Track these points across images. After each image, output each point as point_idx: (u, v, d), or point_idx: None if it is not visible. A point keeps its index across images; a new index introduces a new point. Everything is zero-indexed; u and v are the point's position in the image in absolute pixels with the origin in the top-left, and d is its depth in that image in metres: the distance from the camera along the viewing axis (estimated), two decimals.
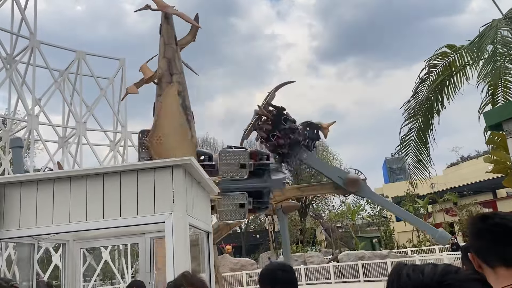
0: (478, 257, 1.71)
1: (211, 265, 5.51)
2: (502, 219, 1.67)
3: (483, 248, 1.69)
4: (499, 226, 1.65)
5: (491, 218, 1.70)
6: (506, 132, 3.90)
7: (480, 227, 1.72)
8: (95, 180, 3.96)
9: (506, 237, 1.64)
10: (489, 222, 1.69)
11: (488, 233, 1.67)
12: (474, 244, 1.74)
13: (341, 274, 25.18)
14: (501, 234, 1.64)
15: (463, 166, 43.18)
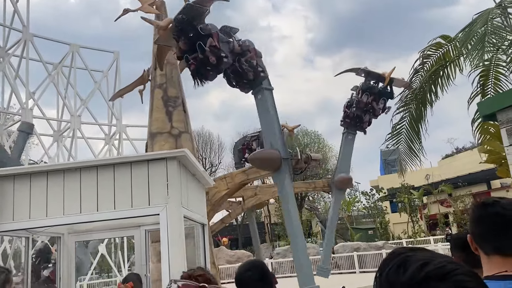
0: (475, 242, 1.72)
1: (207, 258, 5.52)
2: (504, 209, 1.66)
3: (481, 235, 1.70)
4: (499, 216, 1.65)
5: (492, 206, 1.68)
6: (500, 122, 3.91)
7: (480, 214, 1.72)
8: (89, 172, 3.95)
9: (504, 228, 1.63)
10: (490, 211, 1.68)
11: (486, 222, 1.68)
12: (473, 230, 1.74)
13: (336, 265, 25.34)
14: (499, 224, 1.64)
15: (458, 157, 43.40)
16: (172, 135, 11.09)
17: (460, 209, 33.31)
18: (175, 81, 11.98)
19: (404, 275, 0.77)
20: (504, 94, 4.78)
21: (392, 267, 0.81)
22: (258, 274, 2.46)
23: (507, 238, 1.64)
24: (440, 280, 0.74)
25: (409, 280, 0.76)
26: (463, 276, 0.75)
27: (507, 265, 1.61)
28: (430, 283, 0.74)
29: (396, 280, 0.78)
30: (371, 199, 40.94)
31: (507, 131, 3.88)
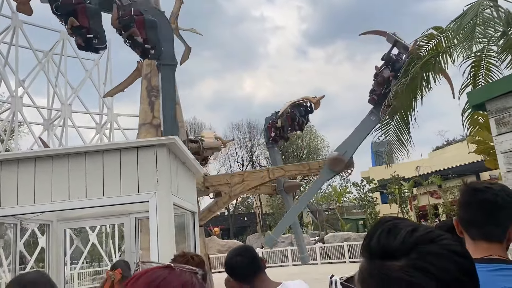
0: (462, 226, 1.72)
1: (197, 246, 5.53)
2: (495, 195, 1.63)
3: (468, 221, 1.69)
4: (489, 202, 1.63)
5: (483, 192, 1.66)
6: (489, 112, 3.93)
7: (469, 200, 1.70)
8: (77, 159, 3.91)
9: (492, 214, 1.63)
10: (479, 197, 1.66)
11: (476, 207, 1.66)
12: (460, 214, 1.73)
13: (327, 255, 25.56)
14: (488, 211, 1.63)
15: (448, 149, 43.71)
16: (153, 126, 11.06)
17: (449, 201, 33.62)
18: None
19: (396, 239, 0.80)
20: (493, 84, 4.81)
21: (382, 232, 0.82)
22: (247, 259, 2.47)
23: (495, 224, 1.63)
24: (429, 243, 0.78)
25: (401, 244, 0.79)
26: (449, 240, 0.80)
27: (492, 250, 1.62)
28: (420, 246, 0.78)
29: (387, 244, 0.80)
30: (362, 190, 41.19)
31: (496, 120, 3.90)
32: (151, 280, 0.99)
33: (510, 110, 3.82)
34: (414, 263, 0.76)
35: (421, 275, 0.74)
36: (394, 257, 0.78)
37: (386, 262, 0.78)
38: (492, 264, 1.55)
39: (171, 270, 1.03)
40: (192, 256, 2.08)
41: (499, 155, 3.82)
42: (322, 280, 10.69)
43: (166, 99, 8.20)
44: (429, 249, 0.77)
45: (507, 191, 1.69)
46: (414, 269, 0.75)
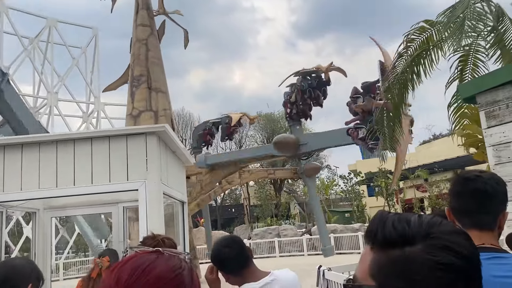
0: (454, 215, 1.73)
1: (186, 236, 5.50)
2: (485, 184, 1.65)
3: (460, 210, 1.70)
4: (480, 191, 1.64)
5: (474, 181, 1.67)
6: (479, 105, 3.96)
7: (460, 190, 1.71)
8: (65, 146, 3.85)
9: (483, 203, 1.64)
10: (470, 186, 1.67)
11: (467, 197, 1.67)
12: (452, 204, 1.74)
13: (313, 246, 25.75)
14: (479, 200, 1.64)
15: (434, 143, 44.17)
16: (132, 117, 11.02)
17: (435, 194, 34.08)
18: (143, 58, 11.82)
19: (410, 226, 0.80)
20: (484, 77, 4.84)
21: (393, 221, 0.82)
22: (236, 250, 2.44)
23: (486, 213, 1.65)
24: (440, 225, 0.81)
25: (418, 228, 0.80)
26: (451, 223, 0.87)
27: (483, 238, 1.64)
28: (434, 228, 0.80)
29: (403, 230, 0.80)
30: (349, 182, 41.53)
31: (486, 113, 3.93)
32: (139, 264, 0.97)
33: (500, 103, 3.85)
34: (435, 243, 0.77)
35: (445, 254, 0.76)
36: (411, 243, 0.78)
37: (405, 249, 0.77)
38: (485, 252, 1.56)
39: (159, 254, 1.01)
40: (163, 239, 2.03)
41: (489, 147, 3.85)
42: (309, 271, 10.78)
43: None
44: (443, 229, 0.80)
45: (496, 178, 1.71)
46: (437, 249, 0.76)
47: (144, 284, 0.93)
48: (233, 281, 2.45)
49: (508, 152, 3.75)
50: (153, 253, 1.01)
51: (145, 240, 2.08)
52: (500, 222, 1.68)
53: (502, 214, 1.68)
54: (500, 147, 3.81)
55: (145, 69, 11.74)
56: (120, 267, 0.97)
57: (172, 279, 0.96)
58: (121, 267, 0.98)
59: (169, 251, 1.05)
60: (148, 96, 11.44)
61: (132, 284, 0.93)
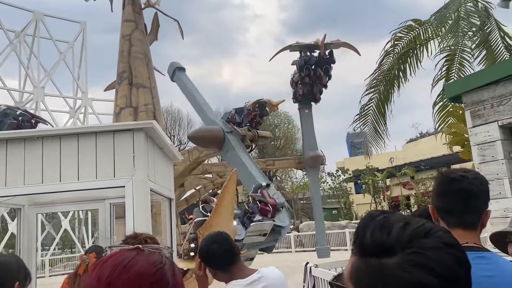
0: (438, 214, 1.75)
1: (173, 234, 5.49)
2: (470, 184, 1.66)
3: (445, 210, 1.71)
4: (464, 191, 1.65)
5: (458, 182, 1.68)
6: (465, 104, 4.01)
7: (445, 190, 1.72)
8: (51, 142, 3.80)
9: (467, 203, 1.65)
10: (455, 186, 1.68)
11: (452, 198, 1.68)
12: (437, 203, 1.75)
13: (301, 243, 25.90)
14: (464, 200, 1.65)
15: (421, 142, 44.59)
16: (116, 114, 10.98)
17: (421, 192, 34.46)
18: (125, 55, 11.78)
19: (389, 235, 0.77)
20: (470, 77, 4.91)
21: (375, 228, 0.79)
22: (224, 247, 2.45)
23: (471, 213, 1.67)
24: (424, 237, 0.76)
25: (395, 240, 0.76)
26: (442, 233, 0.79)
27: (467, 237, 1.66)
28: (415, 241, 0.76)
29: (381, 240, 0.77)
30: (337, 180, 41.77)
31: (471, 113, 3.99)
32: (119, 261, 0.97)
33: (485, 103, 3.91)
34: (411, 259, 0.74)
35: (420, 271, 0.72)
36: (389, 254, 0.75)
37: (382, 260, 0.75)
38: (469, 251, 1.59)
39: (139, 251, 1.01)
40: (145, 238, 2.02)
41: (474, 146, 3.91)
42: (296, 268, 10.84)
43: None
44: (424, 244, 0.75)
45: (481, 178, 1.73)
46: (411, 266, 0.73)
47: (125, 280, 0.94)
48: (221, 277, 2.46)
49: (492, 151, 3.81)
50: (133, 250, 1.02)
51: (127, 239, 2.06)
52: (483, 221, 1.70)
53: (485, 213, 1.70)
54: (485, 146, 3.87)
55: (127, 65, 11.66)
56: (101, 265, 0.98)
57: (153, 274, 0.97)
58: (102, 265, 0.98)
59: (149, 247, 1.06)
60: (129, 93, 11.36)
61: (113, 281, 0.94)
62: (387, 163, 38.77)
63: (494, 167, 3.77)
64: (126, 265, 0.96)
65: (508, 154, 3.76)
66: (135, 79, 11.79)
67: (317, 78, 13.40)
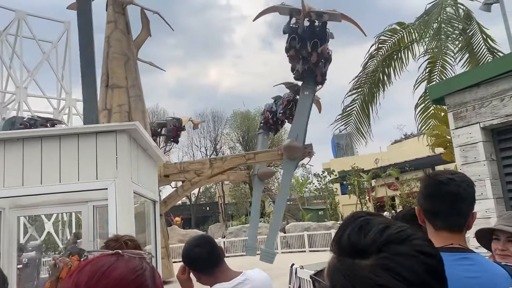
0: (425, 216, 1.75)
1: (158, 235, 5.44)
2: (457, 186, 1.66)
3: (432, 212, 1.72)
4: (452, 194, 1.66)
5: (446, 185, 1.68)
6: (448, 106, 4.06)
7: (432, 192, 1.72)
8: (32, 143, 3.74)
9: (455, 206, 1.66)
10: (443, 189, 1.68)
11: (439, 200, 1.68)
12: (424, 205, 1.75)
13: (287, 244, 25.93)
14: (452, 202, 1.66)
15: (406, 143, 45.02)
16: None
17: (406, 193, 34.80)
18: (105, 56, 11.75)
19: (366, 237, 0.78)
20: (452, 79, 4.97)
21: (353, 229, 0.80)
22: (207, 250, 2.42)
23: (458, 215, 1.68)
24: (400, 243, 0.77)
25: (371, 243, 0.77)
26: (420, 240, 0.79)
27: (453, 239, 1.67)
28: (390, 246, 0.76)
29: (357, 242, 0.78)
30: (323, 181, 41.95)
31: (454, 115, 4.04)
32: (98, 267, 0.95)
33: (467, 105, 3.96)
34: (383, 263, 0.75)
35: (388, 276, 0.73)
36: (364, 256, 0.76)
37: (355, 260, 0.76)
38: (454, 253, 1.60)
39: (118, 256, 0.99)
40: (126, 241, 1.98)
41: (456, 148, 3.95)
42: (283, 269, 10.83)
43: None
44: (399, 250, 0.76)
45: (468, 181, 1.73)
46: (382, 270, 0.74)
47: (104, 286, 0.92)
48: (205, 281, 2.43)
49: (474, 153, 3.86)
50: (113, 255, 0.99)
51: (108, 243, 2.03)
52: (469, 223, 1.71)
53: (471, 215, 1.71)
54: (467, 147, 3.91)
55: (105, 67, 11.62)
56: (79, 271, 0.95)
57: (133, 280, 0.95)
58: (80, 270, 0.95)
59: (129, 252, 1.03)
60: (104, 95, 11.33)
61: (92, 287, 0.91)
62: (373, 164, 39.08)
63: (476, 169, 3.81)
64: (105, 271, 0.94)
65: (489, 156, 3.81)
66: (111, 80, 11.75)
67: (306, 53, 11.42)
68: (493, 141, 3.85)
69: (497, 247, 2.36)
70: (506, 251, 2.31)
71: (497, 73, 3.71)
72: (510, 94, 3.63)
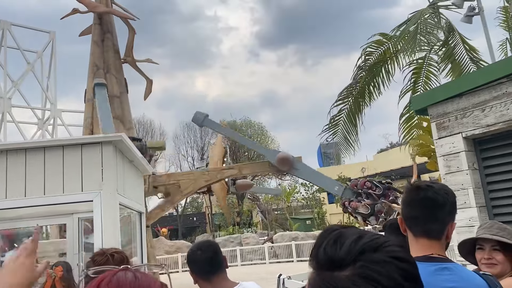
0: (406, 224, 1.78)
1: (144, 247, 5.40)
2: (435, 193, 1.70)
3: (411, 218, 1.75)
4: (430, 200, 1.70)
5: (424, 191, 1.73)
6: (431, 116, 4.13)
7: (412, 198, 1.77)
8: (16, 155, 3.69)
9: (432, 212, 1.70)
10: (421, 195, 1.72)
11: (418, 205, 1.72)
12: (405, 212, 1.79)
13: (275, 254, 25.85)
14: (429, 208, 1.69)
15: (391, 152, 45.40)
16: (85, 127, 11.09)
17: None
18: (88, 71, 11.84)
19: (341, 249, 0.80)
20: (435, 90, 5.06)
21: (328, 242, 0.82)
22: (207, 255, 2.44)
23: (435, 222, 1.71)
24: (374, 251, 0.79)
25: (346, 254, 0.79)
26: (394, 247, 0.81)
27: (433, 247, 1.70)
28: (365, 254, 0.78)
29: (333, 254, 0.80)
30: (310, 190, 42.01)
31: (437, 125, 4.11)
32: (128, 282, 0.94)
33: (450, 115, 4.03)
34: (360, 272, 0.76)
35: (367, 284, 0.75)
36: (341, 267, 0.78)
37: (334, 273, 0.78)
38: (434, 262, 1.63)
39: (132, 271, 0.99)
40: (112, 253, 1.96)
41: (439, 157, 4.02)
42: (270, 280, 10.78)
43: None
44: (374, 257, 0.78)
45: (447, 189, 1.78)
46: (360, 278, 0.76)
47: None
48: (201, 285, 2.45)
49: (457, 162, 3.92)
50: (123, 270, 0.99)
51: (95, 257, 2.00)
52: (448, 232, 1.74)
53: (450, 225, 1.74)
54: (450, 157, 3.98)
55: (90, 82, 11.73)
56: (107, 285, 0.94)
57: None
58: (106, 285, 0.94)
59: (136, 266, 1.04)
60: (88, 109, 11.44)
61: None
62: (359, 173, 39.32)
63: (459, 178, 3.87)
64: (142, 285, 0.94)
65: (472, 165, 3.88)
66: (87, 94, 11.83)
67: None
68: (476, 150, 3.92)
69: (482, 256, 2.39)
70: (492, 259, 2.35)
71: (478, 84, 3.79)
72: (491, 105, 3.71)
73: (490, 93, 3.72)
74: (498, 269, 2.30)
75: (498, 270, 2.29)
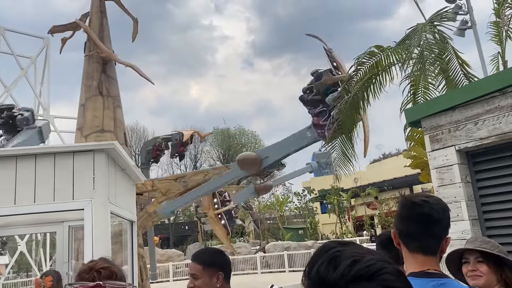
0: (400, 238, 1.77)
1: (135, 257, 5.33)
2: (431, 209, 1.69)
3: (406, 234, 1.74)
4: (425, 216, 1.68)
5: (420, 207, 1.71)
6: (424, 129, 4.14)
7: (407, 214, 1.74)
8: (6, 163, 3.65)
9: (428, 228, 1.68)
10: (417, 211, 1.70)
11: (414, 221, 1.71)
12: (400, 227, 1.77)
13: (267, 264, 25.72)
14: (425, 224, 1.68)
15: (384, 162, 45.58)
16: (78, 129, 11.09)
17: (384, 212, 35.08)
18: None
19: (335, 272, 0.77)
20: (428, 103, 5.09)
21: (323, 262, 0.79)
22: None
23: (431, 237, 1.70)
24: (368, 279, 0.75)
25: (339, 278, 0.76)
26: (389, 275, 0.77)
27: (428, 263, 1.69)
28: (359, 283, 0.75)
29: (326, 276, 0.77)
30: (303, 199, 42.00)
31: (430, 137, 4.12)
32: None
33: (443, 128, 4.05)
34: None
35: None
36: None
37: None
38: (431, 278, 1.62)
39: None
40: (99, 270, 1.90)
41: (432, 170, 4.02)
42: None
43: None
44: (367, 287, 0.75)
45: (442, 204, 1.76)
46: None
47: None
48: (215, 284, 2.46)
49: (450, 175, 3.93)
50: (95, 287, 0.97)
51: (81, 274, 1.95)
52: (442, 247, 1.73)
53: (445, 240, 1.73)
54: (443, 169, 3.99)
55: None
56: None
57: None
58: None
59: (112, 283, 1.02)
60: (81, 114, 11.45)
61: None
62: (352, 183, 39.36)
63: (452, 190, 3.88)
64: None
65: (465, 178, 3.89)
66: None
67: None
68: (468, 163, 3.93)
69: (467, 269, 2.39)
70: (476, 271, 2.35)
71: (471, 97, 3.82)
72: (484, 118, 3.74)
73: (483, 107, 3.75)
74: (483, 280, 2.30)
75: (482, 282, 2.29)
